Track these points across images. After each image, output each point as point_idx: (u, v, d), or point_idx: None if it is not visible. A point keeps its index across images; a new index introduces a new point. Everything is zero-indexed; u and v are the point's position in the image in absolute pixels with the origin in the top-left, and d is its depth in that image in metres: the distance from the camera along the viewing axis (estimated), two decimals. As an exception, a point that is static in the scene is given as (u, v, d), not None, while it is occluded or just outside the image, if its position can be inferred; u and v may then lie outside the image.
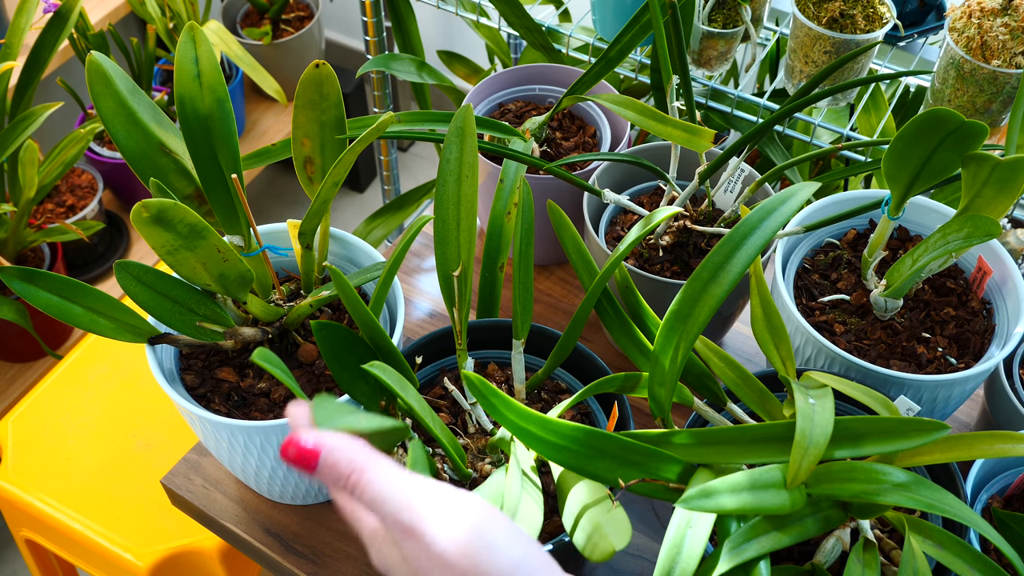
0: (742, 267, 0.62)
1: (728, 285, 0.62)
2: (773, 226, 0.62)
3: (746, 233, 0.63)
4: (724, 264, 0.63)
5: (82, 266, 1.89)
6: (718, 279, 0.63)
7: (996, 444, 0.65)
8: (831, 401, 0.63)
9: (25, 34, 1.38)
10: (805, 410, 0.61)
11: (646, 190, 1.04)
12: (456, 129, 0.75)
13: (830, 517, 0.63)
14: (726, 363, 0.74)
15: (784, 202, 0.63)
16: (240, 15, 2.14)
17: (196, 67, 0.76)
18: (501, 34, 1.60)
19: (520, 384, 0.76)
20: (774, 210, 0.63)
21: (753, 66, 1.18)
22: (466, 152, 0.75)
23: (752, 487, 0.59)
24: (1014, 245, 0.92)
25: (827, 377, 0.72)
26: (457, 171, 0.75)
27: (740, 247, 0.63)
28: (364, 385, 0.67)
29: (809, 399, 0.63)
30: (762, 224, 0.63)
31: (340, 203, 2.41)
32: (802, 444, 0.59)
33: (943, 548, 0.64)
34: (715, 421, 0.74)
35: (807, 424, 0.60)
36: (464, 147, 0.75)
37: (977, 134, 0.69)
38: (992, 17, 0.98)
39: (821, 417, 0.61)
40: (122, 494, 1.23)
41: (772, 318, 0.74)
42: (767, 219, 0.63)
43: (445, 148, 0.75)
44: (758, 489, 0.59)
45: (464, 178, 0.75)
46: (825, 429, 0.60)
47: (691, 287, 0.63)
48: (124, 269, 0.74)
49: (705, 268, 0.63)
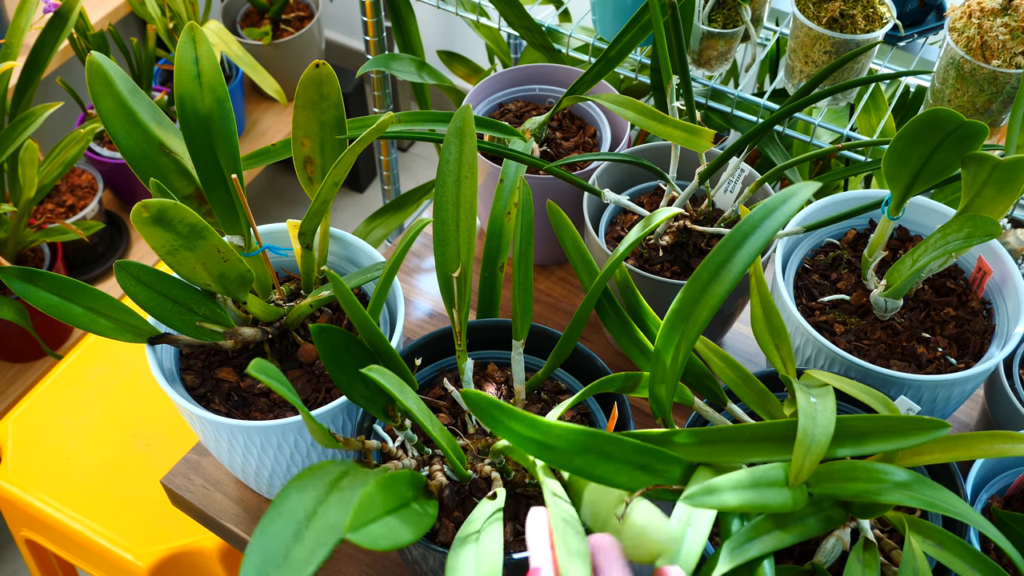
0: (743, 266, 0.62)
1: (729, 284, 0.62)
2: (774, 225, 0.62)
3: (747, 232, 0.63)
4: (725, 263, 0.63)
5: (82, 266, 1.89)
6: (719, 278, 0.63)
7: (996, 444, 0.65)
8: (832, 400, 0.63)
9: (25, 34, 1.38)
10: (807, 409, 0.61)
11: (646, 190, 1.04)
12: (455, 130, 0.75)
13: (832, 516, 0.63)
14: (726, 363, 0.74)
15: (785, 202, 0.63)
16: (240, 15, 2.14)
17: (196, 67, 0.76)
18: (501, 34, 1.60)
19: (520, 385, 0.76)
20: (775, 209, 0.63)
21: (753, 66, 1.18)
22: (465, 153, 0.75)
23: (755, 485, 0.59)
24: (1014, 245, 0.92)
25: (828, 376, 0.72)
26: (456, 172, 0.75)
27: (741, 246, 0.63)
28: (363, 388, 0.67)
29: (811, 398, 0.63)
30: (763, 223, 0.63)
31: (340, 203, 2.41)
32: (804, 443, 0.59)
33: (943, 548, 0.64)
34: (715, 421, 0.74)
35: (809, 423, 0.60)
36: (463, 148, 0.75)
37: (977, 134, 0.69)
38: (992, 17, 0.98)
39: (823, 416, 0.61)
40: (122, 494, 1.23)
41: (772, 318, 0.74)
42: (768, 218, 0.63)
43: (444, 149, 0.75)
44: (761, 487, 0.59)
45: (464, 179, 0.75)
46: (827, 428, 0.60)
47: (692, 286, 0.63)
48: (124, 269, 0.74)
49: (706, 268, 0.63)
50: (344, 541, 0.51)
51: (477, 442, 0.74)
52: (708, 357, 0.74)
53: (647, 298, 0.78)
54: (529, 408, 0.79)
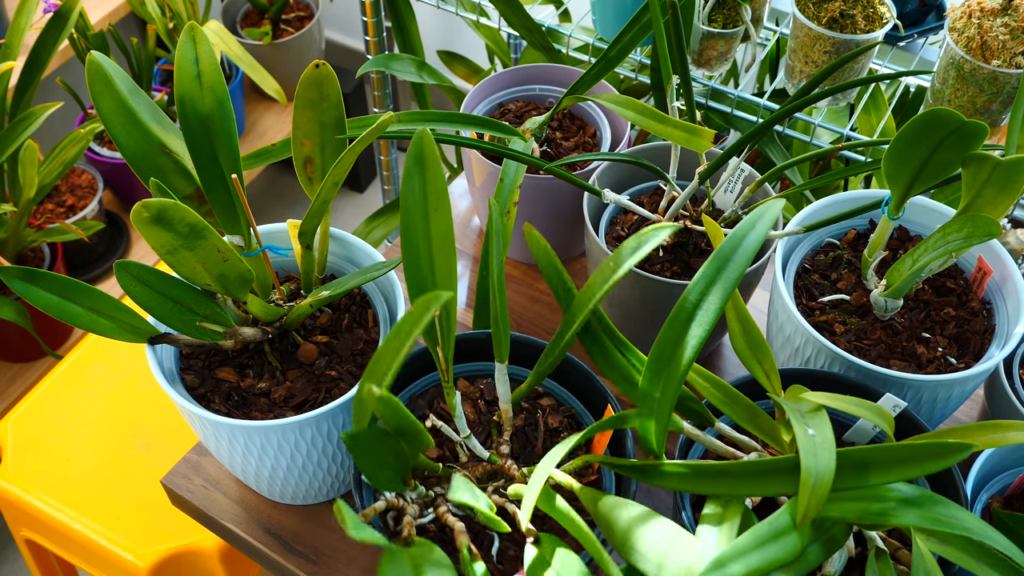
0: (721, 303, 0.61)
1: (708, 325, 0.61)
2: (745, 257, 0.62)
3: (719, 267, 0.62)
4: (700, 303, 0.62)
5: (82, 266, 1.89)
6: (697, 319, 0.62)
7: (989, 434, 0.65)
8: (829, 428, 0.61)
9: (25, 34, 1.38)
10: (807, 445, 0.59)
11: (646, 190, 1.04)
12: (416, 156, 0.66)
13: (835, 537, 0.62)
14: (711, 383, 0.72)
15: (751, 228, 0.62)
16: (240, 15, 2.14)
17: (196, 67, 0.76)
18: (501, 34, 1.60)
19: (506, 404, 0.75)
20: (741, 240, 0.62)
21: (753, 66, 1.18)
22: (430, 181, 0.66)
23: (760, 544, 0.58)
24: (1014, 245, 0.92)
25: (817, 395, 0.69)
26: (423, 204, 0.66)
27: (715, 282, 0.62)
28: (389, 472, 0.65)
29: (808, 429, 0.61)
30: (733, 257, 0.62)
31: (340, 203, 2.41)
32: (808, 482, 0.58)
33: (948, 544, 0.64)
34: (706, 443, 0.73)
35: (811, 460, 0.58)
36: (427, 176, 0.66)
37: (977, 134, 0.69)
38: (992, 17, 0.98)
39: (823, 450, 0.59)
40: (122, 494, 1.23)
41: (751, 332, 0.73)
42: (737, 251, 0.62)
43: (405, 182, 0.66)
44: (767, 543, 0.58)
45: (433, 211, 0.66)
46: (829, 463, 0.58)
47: (671, 327, 0.62)
48: (124, 269, 0.74)
49: (683, 308, 0.62)
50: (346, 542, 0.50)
51: (474, 470, 0.73)
52: (691, 379, 0.72)
53: (647, 299, 0.77)
54: (513, 419, 0.77)
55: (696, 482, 0.62)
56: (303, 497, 0.90)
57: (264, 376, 0.83)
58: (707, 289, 0.62)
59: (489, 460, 0.73)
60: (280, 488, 0.87)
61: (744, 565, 0.57)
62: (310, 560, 0.89)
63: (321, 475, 0.85)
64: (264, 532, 0.91)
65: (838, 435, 0.81)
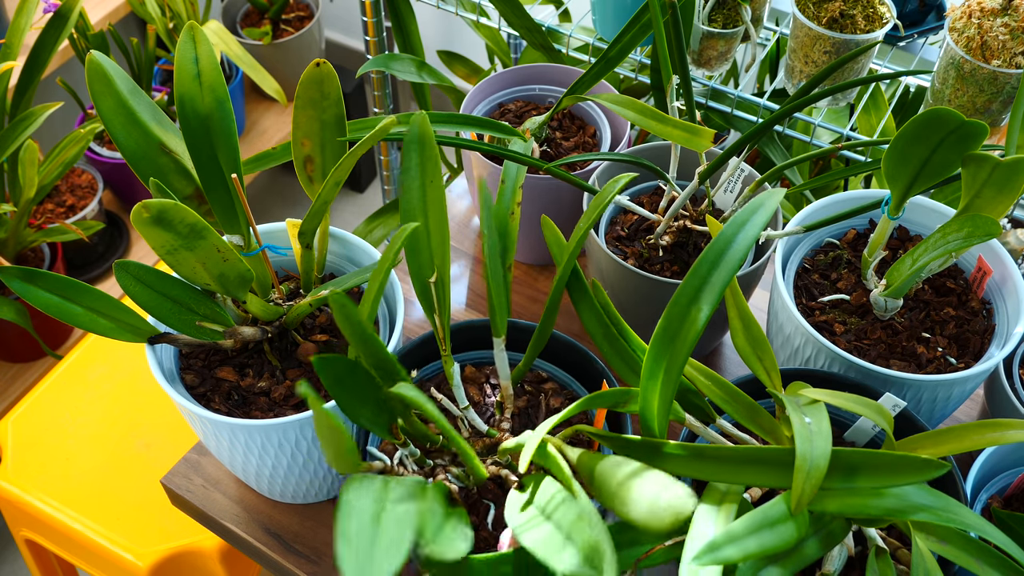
0: (722, 286, 0.61)
1: (709, 309, 0.62)
2: (747, 241, 0.62)
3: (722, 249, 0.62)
4: (703, 285, 0.62)
5: (82, 266, 1.89)
6: (698, 302, 0.62)
7: (987, 433, 0.65)
8: (826, 419, 0.62)
9: (25, 34, 1.38)
10: (803, 432, 0.60)
11: (646, 190, 1.04)
12: (415, 136, 0.73)
13: (834, 531, 0.63)
14: (712, 380, 0.72)
15: (754, 212, 0.63)
16: (240, 15, 2.14)
17: (196, 67, 0.76)
18: (501, 34, 1.60)
19: (506, 380, 0.76)
20: (745, 223, 0.63)
21: (753, 66, 1.18)
22: (427, 157, 0.73)
23: (755, 530, 0.58)
24: (1014, 245, 0.92)
25: (817, 392, 0.70)
26: (420, 176, 0.73)
27: (717, 265, 0.62)
28: (368, 411, 0.66)
29: (805, 418, 0.62)
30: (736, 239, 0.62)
31: (340, 203, 2.41)
32: (803, 467, 0.58)
33: (947, 543, 0.64)
34: (707, 437, 0.73)
35: (806, 446, 0.59)
36: (424, 153, 0.73)
37: (977, 134, 0.69)
38: (992, 17, 0.98)
39: (819, 437, 0.60)
40: (122, 494, 1.23)
41: (752, 329, 0.73)
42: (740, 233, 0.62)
43: (405, 156, 0.73)
44: (762, 529, 0.58)
45: (428, 183, 0.73)
46: (825, 450, 0.59)
47: (673, 310, 0.63)
48: (124, 269, 0.74)
49: (684, 292, 0.63)
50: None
51: (474, 444, 0.74)
52: (693, 377, 0.73)
53: (647, 298, 0.77)
54: (515, 400, 0.79)
55: (695, 465, 0.62)
56: (303, 496, 0.90)
57: (264, 375, 0.83)
58: (711, 271, 0.62)
59: (488, 434, 0.74)
60: (280, 487, 0.87)
61: (738, 550, 0.57)
62: (310, 560, 0.89)
63: (321, 474, 0.85)
64: (264, 532, 0.91)
65: (838, 435, 0.81)
